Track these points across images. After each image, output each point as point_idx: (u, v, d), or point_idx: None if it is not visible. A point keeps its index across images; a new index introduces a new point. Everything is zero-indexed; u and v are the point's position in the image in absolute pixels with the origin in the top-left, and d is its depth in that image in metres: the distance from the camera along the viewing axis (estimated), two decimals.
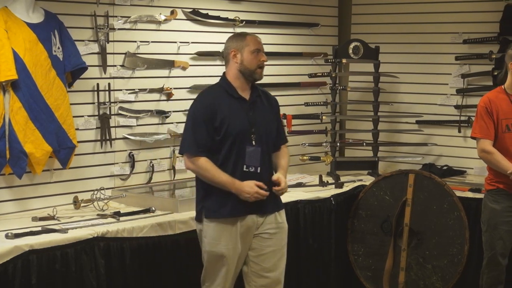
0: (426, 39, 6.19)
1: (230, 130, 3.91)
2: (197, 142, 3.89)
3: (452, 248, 5.11)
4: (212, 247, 3.96)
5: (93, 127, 4.90)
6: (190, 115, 3.99)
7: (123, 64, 5.04)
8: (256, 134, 3.98)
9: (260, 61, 3.99)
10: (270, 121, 4.11)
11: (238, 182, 3.89)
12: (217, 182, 3.90)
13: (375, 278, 5.34)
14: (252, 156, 3.95)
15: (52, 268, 3.84)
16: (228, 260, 3.96)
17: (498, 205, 4.62)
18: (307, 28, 6.33)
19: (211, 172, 3.89)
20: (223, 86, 4.01)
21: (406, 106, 6.30)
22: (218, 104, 3.93)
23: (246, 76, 3.99)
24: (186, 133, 3.99)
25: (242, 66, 3.97)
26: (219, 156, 3.93)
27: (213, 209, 3.95)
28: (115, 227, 4.16)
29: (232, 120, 3.92)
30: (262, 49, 4.04)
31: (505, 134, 4.60)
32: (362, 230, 5.40)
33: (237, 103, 3.98)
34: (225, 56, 4.05)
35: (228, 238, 3.94)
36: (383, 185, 5.38)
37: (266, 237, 4.04)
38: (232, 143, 3.92)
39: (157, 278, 4.31)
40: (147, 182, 5.21)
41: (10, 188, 4.50)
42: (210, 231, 3.96)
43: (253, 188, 3.88)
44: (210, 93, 4.02)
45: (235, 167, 3.93)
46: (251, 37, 4.03)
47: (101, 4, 4.88)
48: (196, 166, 3.91)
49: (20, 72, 4.28)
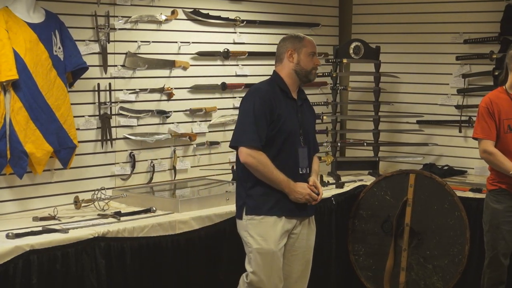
0: (426, 39, 6.19)
1: (285, 127, 3.95)
2: (259, 135, 3.88)
3: (453, 248, 5.11)
4: (260, 244, 3.95)
5: (94, 127, 4.90)
6: (250, 107, 3.93)
7: (123, 64, 5.04)
8: (303, 136, 4.04)
9: (315, 64, 4.07)
10: (312, 126, 4.22)
11: (293, 183, 3.94)
12: (272, 179, 3.91)
13: (376, 278, 5.34)
14: (303, 157, 4.03)
15: (53, 268, 3.83)
16: (276, 255, 3.96)
17: (500, 205, 4.62)
18: (308, 28, 6.33)
19: (270, 168, 3.89)
20: (278, 84, 4.04)
21: (406, 106, 6.30)
22: (275, 100, 3.96)
23: (300, 77, 4.06)
24: (245, 126, 3.93)
25: (298, 66, 4.03)
26: (271, 152, 3.93)
27: (255, 205, 3.97)
28: (116, 227, 4.16)
29: (287, 119, 3.97)
30: (317, 53, 4.12)
31: (507, 135, 4.60)
32: (362, 230, 5.40)
33: (289, 102, 4.04)
34: (279, 55, 4.08)
35: (274, 232, 3.95)
36: (384, 185, 5.38)
37: (300, 238, 4.09)
38: (284, 140, 3.96)
39: (157, 278, 4.31)
40: (148, 182, 5.21)
41: (11, 188, 4.50)
42: (256, 227, 3.96)
43: (306, 190, 3.96)
44: (267, 87, 4.02)
45: (286, 165, 3.96)
46: (308, 39, 4.10)
47: (102, 4, 4.87)
48: (257, 160, 3.88)
49: (21, 72, 4.27)
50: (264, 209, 3.95)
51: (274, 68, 4.15)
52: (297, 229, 4.07)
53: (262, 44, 5.91)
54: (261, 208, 3.95)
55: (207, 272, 4.55)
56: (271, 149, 3.93)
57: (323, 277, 5.27)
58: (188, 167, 5.43)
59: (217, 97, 5.62)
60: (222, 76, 5.64)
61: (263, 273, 3.98)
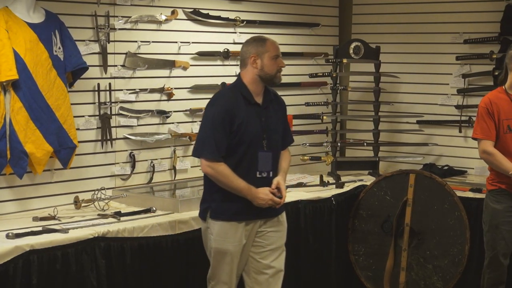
0: (426, 39, 6.18)
1: (245, 136, 3.95)
2: (218, 147, 3.91)
3: (453, 248, 5.11)
4: (219, 244, 4.01)
5: (94, 127, 4.90)
6: (209, 118, 3.97)
7: (123, 64, 5.04)
8: (267, 140, 4.03)
9: (279, 67, 4.04)
10: (279, 125, 4.17)
11: (254, 189, 3.96)
12: (233, 188, 3.94)
13: (376, 278, 5.34)
14: (264, 161, 4.02)
15: (53, 268, 3.84)
16: (233, 257, 4.02)
17: (500, 205, 4.62)
18: (308, 28, 6.33)
19: (229, 178, 3.92)
20: (240, 90, 4.03)
21: (406, 106, 6.30)
22: (237, 109, 3.96)
23: (265, 81, 4.04)
24: (204, 136, 3.97)
25: (262, 71, 4.01)
26: (232, 161, 3.96)
27: (219, 211, 4.01)
28: (116, 227, 4.16)
29: (248, 126, 3.96)
30: (280, 55, 4.08)
31: (506, 135, 4.60)
32: (362, 230, 5.40)
33: (252, 108, 4.03)
34: (243, 60, 4.06)
35: (233, 235, 4.00)
36: (384, 185, 5.38)
37: (268, 236, 4.12)
38: (246, 148, 3.97)
39: (157, 278, 4.31)
40: (148, 182, 5.21)
41: (11, 188, 4.50)
42: (217, 228, 4.01)
43: (268, 195, 3.97)
44: (228, 96, 4.03)
45: (247, 172, 3.98)
46: (271, 42, 4.06)
47: (102, 4, 4.88)
48: (215, 171, 3.93)
49: (21, 72, 4.28)
50: (226, 215, 3.99)
51: (240, 71, 4.12)
52: (262, 227, 4.09)
53: None
54: (223, 213, 3.99)
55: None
56: (233, 156, 3.96)
57: (323, 277, 5.28)
58: (188, 167, 5.43)
59: None
60: (222, 76, 5.64)
61: (219, 271, 4.05)
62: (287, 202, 4.95)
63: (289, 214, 4.99)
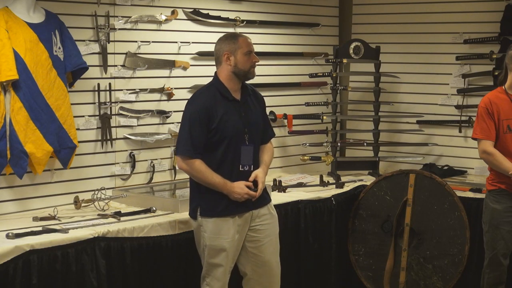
0: (426, 39, 6.18)
1: (227, 131, 4.03)
2: (194, 144, 4.00)
3: (453, 248, 5.11)
4: (213, 241, 4.06)
5: (94, 127, 4.90)
6: (186, 117, 4.07)
7: (123, 64, 5.04)
8: (248, 134, 4.11)
9: (253, 62, 4.10)
10: (259, 119, 4.24)
11: (230, 184, 4.03)
12: (209, 184, 4.02)
13: (376, 278, 5.34)
14: (246, 155, 4.09)
15: (53, 268, 3.84)
16: (228, 253, 4.07)
17: (500, 205, 4.62)
18: (308, 28, 6.33)
19: (204, 174, 4.00)
20: (217, 88, 4.11)
21: (406, 106, 6.30)
22: (214, 106, 4.03)
23: (239, 77, 4.11)
24: (182, 135, 4.07)
25: (236, 68, 4.08)
26: (216, 156, 4.04)
27: (208, 207, 4.08)
28: (116, 227, 4.17)
29: (228, 122, 4.04)
30: (253, 50, 4.13)
31: (506, 135, 4.60)
32: (362, 230, 5.40)
33: (231, 105, 4.09)
34: (217, 57, 4.13)
35: (227, 231, 4.06)
36: (384, 185, 5.38)
37: (262, 228, 4.20)
38: (228, 143, 4.04)
39: (157, 278, 4.31)
40: (148, 182, 5.21)
41: (11, 188, 4.51)
42: (210, 226, 4.06)
43: (243, 190, 4.04)
44: (205, 95, 4.10)
45: (232, 166, 4.07)
46: (243, 39, 4.12)
47: (102, 4, 4.88)
48: (190, 167, 4.02)
49: (21, 72, 4.28)
50: (216, 211, 4.05)
51: (215, 70, 4.18)
52: (255, 221, 4.17)
53: (262, 44, 5.91)
54: (213, 210, 4.06)
55: None
56: (217, 151, 4.04)
57: (323, 277, 5.27)
58: None
59: None
60: None
61: (213, 268, 4.10)
62: (287, 202, 5.00)
63: (289, 214, 5.00)
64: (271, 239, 4.24)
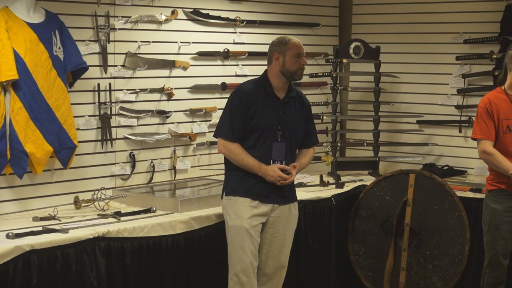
0: (426, 39, 6.19)
1: (260, 123, 4.27)
2: (233, 129, 4.27)
3: (453, 248, 5.11)
4: (234, 221, 4.28)
5: (94, 127, 4.90)
6: (229, 102, 4.34)
7: (124, 64, 5.04)
8: (281, 131, 4.31)
9: (300, 64, 4.33)
10: (298, 121, 4.43)
11: (264, 166, 4.26)
12: (245, 165, 4.26)
13: (376, 278, 5.34)
14: (277, 150, 4.32)
15: (53, 268, 3.84)
16: (249, 234, 4.25)
17: (500, 205, 4.62)
18: (308, 28, 6.33)
19: (240, 156, 4.25)
20: (262, 83, 4.36)
21: (406, 106, 6.30)
22: (255, 97, 4.30)
23: (286, 77, 4.34)
24: (223, 119, 4.34)
25: (284, 68, 4.32)
26: (248, 145, 4.29)
27: (234, 187, 4.33)
28: (116, 227, 4.17)
29: (262, 115, 4.28)
30: (303, 53, 4.37)
31: (506, 135, 4.60)
32: (362, 230, 5.40)
33: (271, 101, 4.33)
34: (269, 57, 4.39)
35: (247, 212, 4.27)
36: (384, 185, 5.38)
37: (279, 221, 4.37)
38: (260, 135, 4.29)
39: (157, 278, 4.31)
40: (148, 182, 5.21)
41: (11, 188, 4.50)
42: (232, 204, 4.31)
43: (276, 172, 4.25)
44: (250, 86, 4.36)
45: (262, 159, 4.27)
46: (293, 42, 4.35)
47: (102, 4, 4.88)
48: (228, 150, 4.29)
49: (21, 72, 4.28)
50: (240, 191, 4.30)
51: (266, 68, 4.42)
52: (274, 212, 4.35)
53: (262, 44, 5.90)
54: (237, 190, 4.31)
55: (206, 272, 4.56)
56: (248, 140, 4.29)
57: (323, 277, 5.27)
58: (188, 167, 5.44)
59: (217, 97, 5.62)
60: (222, 76, 5.65)
61: (236, 248, 4.28)
62: None
63: None
64: (285, 234, 4.39)
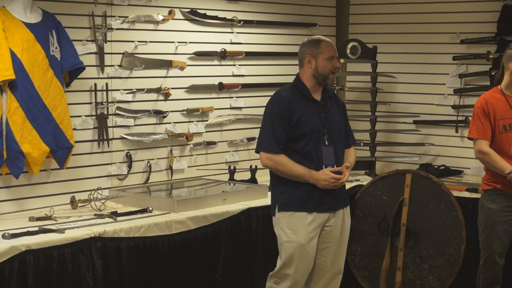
0: (423, 39, 6.19)
1: (306, 128, 4.13)
2: (277, 140, 4.11)
3: (449, 248, 5.12)
4: (289, 237, 4.15)
5: (91, 127, 4.90)
6: (268, 113, 4.18)
7: (120, 64, 5.04)
8: (327, 134, 4.19)
9: (334, 67, 4.19)
10: (339, 122, 4.33)
11: (315, 172, 4.11)
12: (294, 175, 4.10)
13: (372, 278, 5.35)
14: (327, 155, 4.18)
15: (49, 268, 3.84)
16: (304, 250, 4.14)
17: (495, 205, 4.63)
18: (305, 28, 6.33)
19: (288, 166, 4.09)
20: (297, 88, 4.22)
21: (403, 106, 6.31)
22: (295, 103, 4.15)
23: (318, 80, 4.21)
24: (264, 131, 4.18)
25: (316, 71, 4.19)
26: (297, 155, 4.13)
27: (286, 202, 4.16)
28: (112, 227, 4.17)
29: (307, 120, 4.14)
30: (336, 55, 4.24)
31: (502, 135, 4.61)
32: (359, 230, 5.40)
33: (311, 104, 4.21)
34: (300, 60, 4.25)
35: (304, 227, 4.13)
36: (380, 185, 5.39)
37: (333, 230, 4.26)
38: (308, 141, 4.13)
39: (154, 278, 4.31)
40: (145, 182, 5.21)
41: (7, 188, 4.51)
42: (286, 220, 4.16)
43: (328, 175, 4.10)
44: (287, 93, 4.21)
45: (309, 163, 4.12)
46: (325, 43, 4.21)
47: (99, 4, 4.88)
48: (274, 162, 4.12)
49: (18, 72, 4.28)
50: (294, 206, 4.15)
51: (298, 71, 4.28)
52: (330, 221, 4.23)
53: (259, 44, 5.92)
54: (291, 204, 4.15)
55: (203, 272, 4.56)
56: (296, 149, 4.13)
57: None
58: (185, 167, 5.44)
59: (214, 97, 5.63)
60: (219, 76, 5.65)
61: (290, 264, 4.15)
62: None
63: None
64: (340, 243, 4.30)
